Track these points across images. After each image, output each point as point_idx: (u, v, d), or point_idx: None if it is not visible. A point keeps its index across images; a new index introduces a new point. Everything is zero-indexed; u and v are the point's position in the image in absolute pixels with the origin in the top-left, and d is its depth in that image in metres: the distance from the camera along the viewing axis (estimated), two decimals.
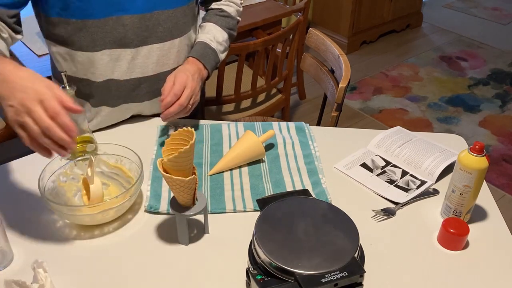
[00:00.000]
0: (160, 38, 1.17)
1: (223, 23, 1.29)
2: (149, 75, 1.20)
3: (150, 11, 1.12)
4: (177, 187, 0.85)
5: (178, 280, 0.86)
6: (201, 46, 1.23)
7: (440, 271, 0.88)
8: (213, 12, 1.31)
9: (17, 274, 0.86)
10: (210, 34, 1.25)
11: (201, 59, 1.20)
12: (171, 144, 0.87)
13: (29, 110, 0.78)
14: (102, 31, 1.10)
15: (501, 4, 4.64)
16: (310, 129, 1.27)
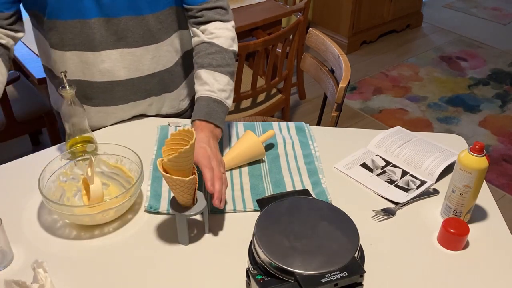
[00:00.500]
0: (130, 44, 1.13)
1: (218, 62, 1.12)
2: (121, 79, 1.18)
3: (118, 16, 1.09)
4: (177, 187, 0.85)
5: (178, 280, 0.86)
6: (203, 104, 1.08)
7: (440, 271, 0.88)
8: (202, 52, 1.13)
9: (17, 274, 0.86)
10: (208, 85, 1.10)
11: (209, 119, 1.05)
12: (171, 144, 0.87)
13: None
14: (70, 32, 1.10)
15: (501, 4, 4.64)
16: (310, 129, 1.27)
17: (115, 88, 1.19)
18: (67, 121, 1.07)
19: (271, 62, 2.07)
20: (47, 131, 2.14)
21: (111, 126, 1.26)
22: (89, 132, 1.12)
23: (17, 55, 1.96)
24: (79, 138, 1.10)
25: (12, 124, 2.00)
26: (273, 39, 1.93)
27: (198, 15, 1.15)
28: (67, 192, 1.02)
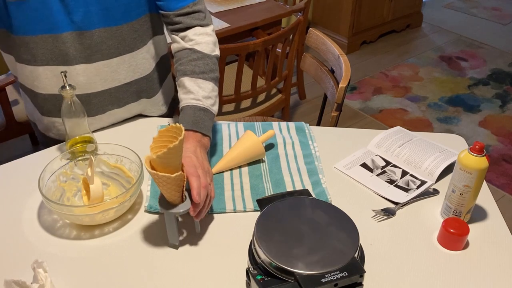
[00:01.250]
0: (105, 55, 1.11)
1: (201, 69, 1.09)
2: (97, 91, 1.16)
3: (91, 28, 1.07)
4: (164, 184, 0.83)
5: (178, 280, 0.86)
6: (189, 113, 1.05)
7: (440, 271, 0.88)
8: (184, 59, 1.11)
9: (17, 274, 0.86)
10: (193, 94, 1.07)
11: (196, 129, 1.03)
12: (159, 141, 0.85)
13: None
14: (41, 47, 1.07)
15: (501, 4, 4.64)
16: (310, 129, 1.27)
17: (92, 100, 1.17)
18: (67, 121, 1.07)
19: (271, 62, 2.07)
20: None
21: (111, 126, 1.26)
22: (89, 132, 1.12)
23: None
24: (79, 138, 1.10)
25: (12, 124, 2.00)
26: (273, 39, 1.93)
27: (176, 20, 1.12)
28: (67, 192, 1.02)
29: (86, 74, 1.12)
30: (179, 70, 1.11)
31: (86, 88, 1.15)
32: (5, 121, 1.98)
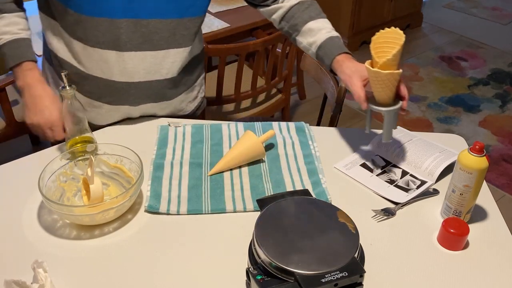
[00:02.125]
0: (154, 46, 1.14)
1: (316, 12, 1.21)
2: (139, 80, 1.18)
3: (148, 17, 1.10)
4: (387, 82, 0.94)
5: (178, 279, 0.86)
6: (332, 43, 1.15)
7: (440, 271, 0.88)
8: (298, 13, 1.21)
9: (17, 274, 0.86)
10: (324, 29, 1.18)
11: (345, 50, 1.14)
12: (376, 43, 0.96)
13: (43, 131, 1.10)
14: (95, 30, 1.09)
15: (501, 4, 4.64)
16: (310, 129, 1.27)
17: (132, 89, 1.19)
18: (67, 121, 1.07)
19: (271, 62, 2.07)
20: None
21: (111, 126, 1.26)
22: (89, 132, 1.12)
23: None
24: (79, 138, 1.10)
25: (12, 124, 2.00)
26: (273, 39, 1.93)
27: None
28: (67, 192, 1.02)
29: (133, 62, 1.15)
30: (297, 23, 1.21)
31: (129, 77, 1.17)
32: (5, 121, 1.98)
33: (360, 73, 1.06)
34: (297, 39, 1.22)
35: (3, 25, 1.13)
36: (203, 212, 0.99)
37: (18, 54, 1.12)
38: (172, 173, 1.09)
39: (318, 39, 1.17)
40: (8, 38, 1.12)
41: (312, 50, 1.19)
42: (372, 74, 0.96)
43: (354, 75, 1.07)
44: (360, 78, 1.05)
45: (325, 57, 1.15)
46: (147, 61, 1.16)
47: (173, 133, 1.23)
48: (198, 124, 1.27)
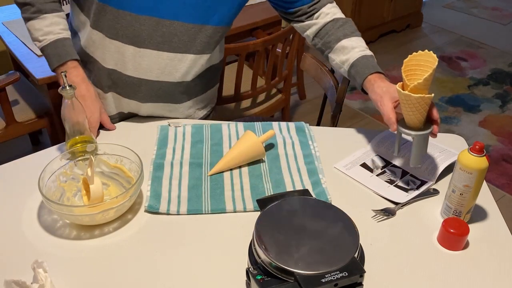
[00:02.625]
0: (173, 48, 1.15)
1: (350, 30, 1.21)
2: (151, 79, 1.19)
3: (171, 18, 1.10)
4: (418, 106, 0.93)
5: (178, 280, 0.86)
6: (365, 61, 1.15)
7: (440, 271, 0.88)
8: (332, 30, 1.20)
9: (17, 274, 0.86)
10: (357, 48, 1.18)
11: (378, 70, 1.15)
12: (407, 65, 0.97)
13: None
14: (117, 23, 1.11)
15: (501, 4, 4.64)
16: (310, 129, 1.27)
17: (142, 86, 1.20)
18: (67, 121, 1.07)
19: (271, 62, 2.07)
20: (47, 131, 2.14)
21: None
22: (89, 132, 1.12)
23: (17, 55, 1.96)
24: (79, 138, 1.10)
25: (12, 124, 2.00)
26: (273, 39, 1.93)
27: (310, 9, 1.23)
28: (67, 192, 1.02)
29: (148, 60, 1.15)
30: (330, 40, 1.21)
31: (142, 73, 1.18)
32: (5, 121, 1.98)
33: (391, 94, 1.05)
34: (329, 56, 1.22)
35: (45, 26, 1.14)
36: (203, 212, 0.99)
37: (62, 53, 1.14)
38: (172, 173, 1.09)
39: (350, 57, 1.16)
40: (51, 38, 1.14)
41: (344, 68, 1.18)
42: (402, 97, 0.94)
43: (385, 96, 1.06)
44: (391, 99, 1.04)
45: (357, 76, 1.15)
46: (162, 61, 1.16)
47: (173, 133, 1.23)
48: (198, 124, 1.27)
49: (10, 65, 2.79)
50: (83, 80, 1.17)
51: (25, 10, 1.15)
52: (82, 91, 1.16)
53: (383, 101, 1.05)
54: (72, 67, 1.15)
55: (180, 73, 1.20)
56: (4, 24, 2.19)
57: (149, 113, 1.28)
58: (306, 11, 1.23)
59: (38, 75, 1.82)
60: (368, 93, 1.13)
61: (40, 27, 1.14)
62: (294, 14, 1.25)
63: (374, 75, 1.12)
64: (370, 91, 1.11)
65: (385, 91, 1.06)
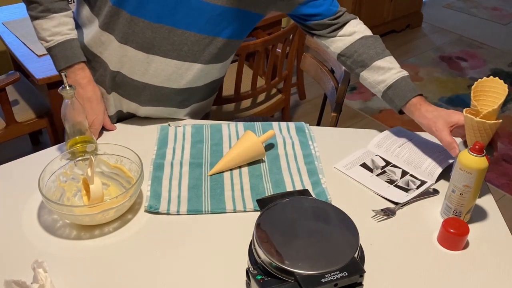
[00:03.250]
0: (182, 57, 1.14)
1: (381, 48, 1.19)
2: (156, 84, 1.19)
3: (183, 28, 1.10)
4: (491, 131, 0.94)
5: (178, 279, 0.86)
6: (404, 84, 1.14)
7: (440, 271, 0.88)
8: (362, 48, 1.19)
9: (17, 274, 0.86)
10: (394, 69, 1.16)
11: (419, 92, 1.13)
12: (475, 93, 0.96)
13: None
14: (130, 28, 1.10)
15: (501, 4, 4.64)
16: (310, 129, 1.27)
17: (146, 90, 1.20)
18: (67, 121, 1.07)
19: (271, 62, 2.07)
20: (47, 131, 2.14)
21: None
22: (89, 132, 1.12)
23: (17, 55, 1.96)
24: (79, 138, 1.10)
25: (12, 124, 2.00)
26: (273, 39, 1.93)
27: (333, 22, 1.20)
28: (67, 192, 1.02)
29: (156, 66, 1.15)
30: (363, 59, 1.19)
31: (148, 79, 1.18)
32: (5, 121, 1.98)
33: (445, 119, 1.05)
34: (362, 74, 1.20)
35: (53, 26, 1.14)
36: (203, 212, 0.99)
37: (69, 55, 1.14)
38: (172, 173, 1.09)
39: (388, 79, 1.15)
40: (59, 39, 1.14)
41: (379, 88, 1.17)
42: (474, 124, 0.94)
43: (438, 121, 1.05)
44: (446, 124, 1.04)
45: (396, 98, 1.14)
46: (170, 68, 1.16)
47: (173, 133, 1.23)
48: (198, 124, 1.27)
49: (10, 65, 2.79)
50: (90, 82, 1.17)
51: (32, 8, 1.14)
52: (89, 93, 1.16)
53: (437, 126, 1.05)
54: (79, 69, 1.15)
55: (185, 81, 1.20)
56: (4, 24, 2.19)
57: (147, 114, 1.28)
58: (327, 23, 1.20)
59: (38, 75, 1.82)
60: (414, 117, 1.12)
61: (48, 27, 1.14)
62: (314, 28, 1.23)
63: (417, 98, 1.12)
64: (418, 115, 1.10)
65: (436, 115, 1.06)
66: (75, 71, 1.15)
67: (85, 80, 1.16)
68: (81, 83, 1.15)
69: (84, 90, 1.15)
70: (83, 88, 1.16)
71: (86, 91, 1.16)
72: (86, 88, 1.16)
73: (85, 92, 1.15)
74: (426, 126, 1.09)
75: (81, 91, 1.16)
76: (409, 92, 1.13)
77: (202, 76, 1.21)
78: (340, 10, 1.21)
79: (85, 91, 1.15)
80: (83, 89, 1.16)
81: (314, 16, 1.20)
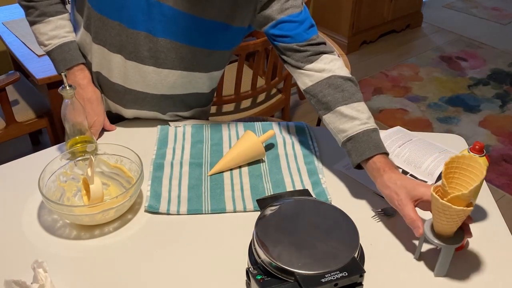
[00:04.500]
0: (159, 64, 1.12)
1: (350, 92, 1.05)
2: (136, 89, 1.17)
3: (159, 36, 1.08)
4: (459, 217, 0.79)
5: (178, 279, 0.86)
6: (366, 139, 1.00)
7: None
8: (327, 89, 1.06)
9: (17, 274, 0.86)
10: (357, 119, 1.03)
11: (381, 151, 0.99)
12: (448, 169, 0.82)
13: None
14: (106, 31, 1.10)
15: (501, 4, 4.64)
16: (310, 129, 1.27)
17: (127, 94, 1.19)
18: (67, 121, 1.07)
19: (271, 62, 2.07)
20: (47, 131, 2.14)
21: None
22: (89, 132, 1.12)
23: (17, 55, 1.96)
24: (79, 138, 1.10)
25: (12, 124, 2.00)
26: None
27: (303, 49, 1.08)
28: (67, 192, 1.02)
29: (134, 72, 1.14)
30: (327, 102, 1.06)
31: (126, 82, 1.17)
32: (5, 121, 1.98)
33: (408, 192, 0.90)
34: (324, 118, 1.09)
35: (50, 30, 1.14)
36: (203, 212, 0.99)
37: (68, 58, 1.15)
38: (172, 173, 1.09)
39: (349, 130, 1.03)
40: (57, 43, 1.15)
41: (339, 138, 1.06)
42: (440, 206, 0.79)
43: (401, 193, 0.91)
44: (410, 198, 0.90)
45: (354, 153, 1.01)
46: (148, 75, 1.14)
47: (173, 133, 1.23)
48: (198, 124, 1.27)
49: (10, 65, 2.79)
50: (89, 83, 1.17)
51: (29, 13, 1.15)
52: (89, 94, 1.16)
53: (401, 200, 0.90)
54: (78, 70, 1.15)
55: (166, 87, 1.17)
56: (4, 24, 2.19)
57: (134, 115, 1.27)
58: (295, 48, 1.08)
59: (38, 75, 1.82)
60: (376, 183, 0.98)
61: (45, 31, 1.14)
62: (283, 52, 1.11)
63: (379, 159, 0.98)
64: (380, 183, 0.96)
65: (400, 185, 0.91)
66: (74, 72, 1.15)
67: (85, 81, 1.16)
68: (81, 84, 1.15)
69: (84, 91, 1.16)
70: (83, 89, 1.15)
71: (87, 92, 1.16)
72: (86, 89, 1.16)
73: (85, 93, 1.15)
74: (388, 196, 0.94)
75: (81, 92, 1.16)
76: (368, 150, 0.99)
77: (185, 83, 1.19)
78: (314, 38, 1.09)
79: (85, 92, 1.15)
80: (83, 90, 1.16)
81: (283, 38, 1.08)
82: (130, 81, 1.16)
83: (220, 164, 1.10)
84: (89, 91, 1.16)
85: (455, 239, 0.84)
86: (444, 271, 0.87)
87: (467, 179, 0.81)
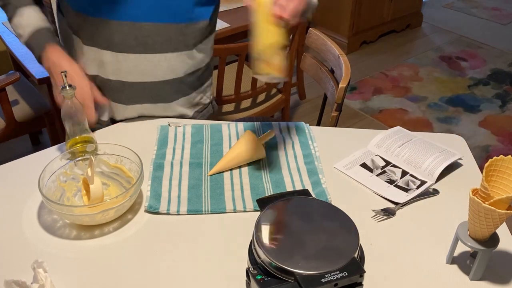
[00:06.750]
0: (149, 49, 1.14)
1: None
2: (133, 81, 1.18)
3: (141, 21, 1.10)
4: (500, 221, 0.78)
5: (178, 279, 0.86)
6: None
7: (440, 271, 0.88)
8: None
9: (17, 274, 0.86)
10: None
11: None
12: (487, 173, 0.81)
13: None
14: (89, 28, 1.11)
15: (501, 4, 4.64)
16: (310, 129, 1.27)
17: (126, 89, 1.20)
18: (67, 121, 1.07)
19: None
20: (47, 131, 2.14)
21: (111, 126, 1.26)
22: (89, 132, 1.12)
23: (17, 55, 1.96)
24: (79, 138, 1.10)
25: (12, 124, 2.00)
26: None
27: None
28: (67, 192, 1.02)
29: (127, 63, 1.15)
30: None
31: (123, 76, 1.17)
32: (5, 121, 1.98)
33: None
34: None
35: (23, 20, 1.14)
36: (203, 212, 0.99)
37: (42, 40, 1.14)
38: (172, 173, 1.09)
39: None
40: (30, 31, 1.14)
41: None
42: (481, 210, 0.78)
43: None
44: None
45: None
46: (141, 63, 1.15)
47: (173, 133, 1.23)
48: (198, 124, 1.27)
49: (10, 65, 2.80)
50: (65, 58, 1.13)
51: (7, 10, 1.16)
52: (64, 68, 1.12)
53: None
54: (50, 48, 1.13)
55: (161, 72, 1.19)
56: (4, 24, 2.19)
57: (139, 113, 1.28)
58: None
59: (38, 75, 1.82)
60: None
61: (19, 22, 1.15)
62: None
63: None
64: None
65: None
66: (47, 52, 1.13)
67: (59, 58, 1.12)
68: (54, 61, 1.11)
69: (60, 66, 1.12)
70: (57, 65, 1.12)
71: (62, 67, 1.12)
72: (61, 65, 1.12)
73: (61, 68, 1.12)
74: None
75: (56, 69, 1.12)
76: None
77: (179, 64, 1.20)
78: None
79: (60, 67, 1.12)
80: (58, 66, 1.11)
81: None
82: (125, 74, 1.17)
83: (220, 164, 1.10)
84: (65, 65, 1.12)
85: (491, 241, 0.83)
86: (480, 275, 0.87)
87: (506, 181, 0.81)
